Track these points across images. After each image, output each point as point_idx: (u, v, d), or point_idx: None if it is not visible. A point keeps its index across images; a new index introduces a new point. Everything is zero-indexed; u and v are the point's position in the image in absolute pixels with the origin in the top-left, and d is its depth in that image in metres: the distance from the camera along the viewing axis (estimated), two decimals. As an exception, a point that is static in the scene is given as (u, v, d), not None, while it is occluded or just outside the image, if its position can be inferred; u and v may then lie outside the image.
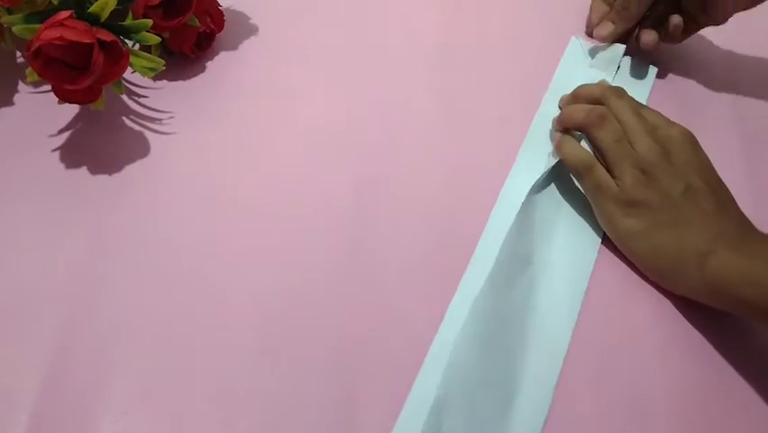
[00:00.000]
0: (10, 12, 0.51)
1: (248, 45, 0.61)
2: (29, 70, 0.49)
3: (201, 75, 0.59)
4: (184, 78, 0.59)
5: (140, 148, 0.54)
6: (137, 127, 0.55)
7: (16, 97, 0.57)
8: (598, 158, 0.50)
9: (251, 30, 0.62)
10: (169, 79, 0.58)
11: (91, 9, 0.49)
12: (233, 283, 0.47)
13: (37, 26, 0.48)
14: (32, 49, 0.47)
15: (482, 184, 0.52)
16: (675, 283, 0.46)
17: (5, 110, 0.56)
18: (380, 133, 0.55)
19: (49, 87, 0.51)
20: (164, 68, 0.52)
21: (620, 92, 0.52)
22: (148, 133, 0.55)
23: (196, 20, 0.56)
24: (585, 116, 0.51)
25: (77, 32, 0.47)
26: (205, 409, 0.42)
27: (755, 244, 0.44)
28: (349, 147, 0.54)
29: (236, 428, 0.42)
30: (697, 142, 0.49)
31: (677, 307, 0.47)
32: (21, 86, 0.58)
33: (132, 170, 0.53)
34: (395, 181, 0.52)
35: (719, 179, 0.48)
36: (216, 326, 0.45)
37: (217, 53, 0.61)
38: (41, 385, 0.42)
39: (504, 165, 0.53)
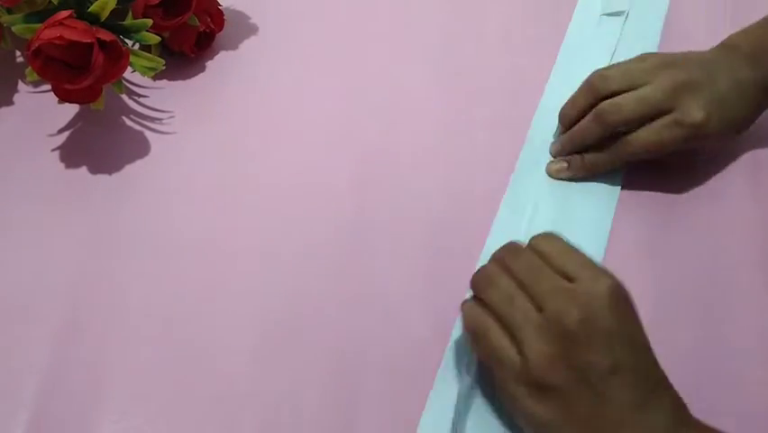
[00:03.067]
0: (10, 11, 0.51)
1: (248, 45, 0.61)
2: (29, 70, 0.49)
3: (201, 74, 0.59)
4: (184, 78, 0.59)
5: (140, 147, 0.54)
6: (137, 127, 0.55)
7: (16, 97, 0.57)
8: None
9: (251, 29, 0.62)
10: (169, 79, 0.58)
11: (91, 9, 0.49)
12: (234, 283, 0.47)
13: (37, 26, 0.48)
14: (32, 48, 0.47)
15: (483, 182, 0.52)
16: None
17: (5, 110, 0.56)
18: (380, 133, 0.55)
19: (49, 86, 0.51)
20: (164, 67, 0.52)
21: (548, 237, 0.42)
22: (148, 133, 0.55)
23: (196, 19, 0.56)
24: (473, 278, 0.42)
25: (76, 32, 0.47)
26: (204, 409, 0.42)
27: None
28: (349, 146, 0.54)
29: (236, 429, 0.42)
30: (628, 299, 0.38)
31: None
32: (21, 85, 0.58)
33: (132, 169, 0.53)
34: (395, 181, 0.52)
35: (650, 354, 0.37)
36: (217, 325, 0.45)
37: (217, 53, 0.60)
38: (41, 385, 0.42)
39: (505, 163, 0.53)
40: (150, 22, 0.51)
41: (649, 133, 0.48)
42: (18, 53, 0.60)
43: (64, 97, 0.50)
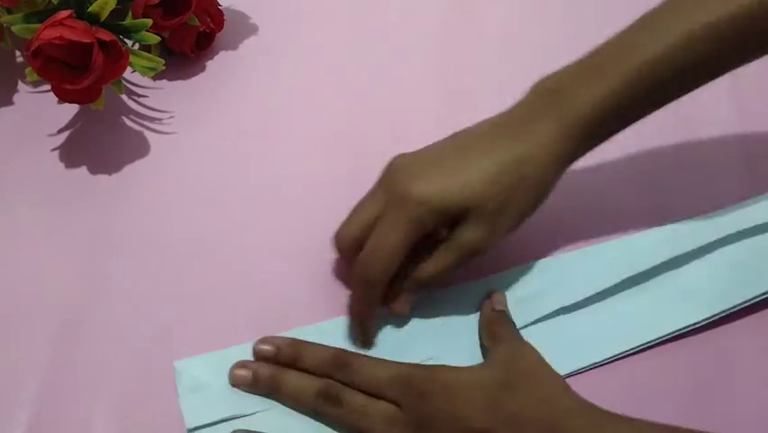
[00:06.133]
0: (10, 11, 0.51)
1: (248, 44, 0.61)
2: (28, 70, 0.49)
3: (201, 74, 0.59)
4: (184, 78, 0.59)
5: (140, 147, 0.54)
6: (137, 127, 0.55)
7: (16, 97, 0.57)
8: None
9: (251, 29, 0.62)
10: (169, 79, 0.58)
11: (91, 9, 0.49)
12: (234, 282, 0.47)
13: (37, 26, 0.48)
14: (32, 48, 0.47)
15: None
16: None
17: (5, 110, 0.56)
18: (380, 132, 0.55)
19: (48, 86, 0.50)
20: (164, 67, 0.52)
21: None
22: (148, 133, 0.55)
23: (196, 19, 0.56)
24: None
25: (76, 32, 0.47)
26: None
27: None
28: (348, 146, 0.54)
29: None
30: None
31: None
32: (20, 85, 0.58)
33: (132, 169, 0.53)
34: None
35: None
36: (217, 325, 0.45)
37: (217, 53, 0.60)
38: (41, 385, 0.42)
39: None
40: (149, 22, 0.51)
41: (373, 236, 0.41)
42: (18, 53, 0.60)
43: (64, 97, 0.50)
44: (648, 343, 0.43)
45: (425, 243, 0.42)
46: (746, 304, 0.44)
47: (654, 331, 0.43)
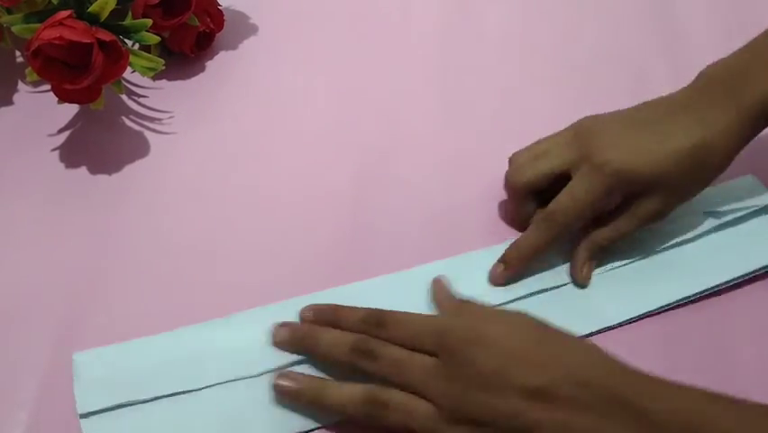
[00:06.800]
0: (10, 11, 0.51)
1: (248, 45, 0.61)
2: (28, 70, 0.49)
3: (201, 74, 0.59)
4: (184, 78, 0.59)
5: (140, 147, 0.54)
6: (137, 127, 0.55)
7: (16, 97, 0.57)
8: None
9: (251, 29, 0.62)
10: (169, 79, 0.58)
11: (91, 9, 0.49)
12: (234, 282, 0.47)
13: (36, 26, 0.48)
14: (32, 48, 0.47)
15: (480, 181, 0.52)
16: None
17: (5, 109, 0.56)
18: (380, 132, 0.55)
19: (48, 86, 0.51)
20: (164, 67, 0.52)
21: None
22: (148, 133, 0.55)
23: (196, 19, 0.56)
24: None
25: (76, 32, 0.47)
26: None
27: None
28: (348, 146, 0.54)
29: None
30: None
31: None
32: (20, 85, 0.58)
33: (132, 169, 0.53)
34: (394, 180, 0.52)
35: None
36: (216, 325, 0.45)
37: (217, 53, 0.61)
38: (40, 385, 0.42)
39: (502, 163, 0.53)
40: (149, 22, 0.51)
41: (565, 192, 0.45)
42: (18, 53, 0.60)
43: (64, 97, 0.50)
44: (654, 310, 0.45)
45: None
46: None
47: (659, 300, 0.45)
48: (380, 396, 0.38)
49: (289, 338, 0.42)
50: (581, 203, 0.44)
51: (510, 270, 0.46)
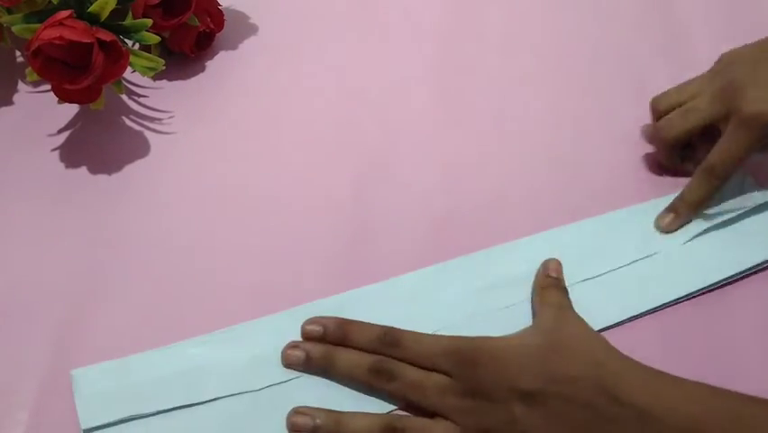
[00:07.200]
0: (10, 11, 0.51)
1: (248, 44, 0.61)
2: (29, 70, 0.49)
3: (201, 74, 0.59)
4: (184, 78, 0.59)
5: (140, 147, 0.54)
6: (137, 127, 0.55)
7: (16, 97, 0.57)
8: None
9: (251, 29, 0.62)
10: (169, 79, 0.58)
11: (91, 9, 0.49)
12: (234, 282, 0.47)
13: (37, 26, 0.48)
14: (32, 48, 0.47)
15: (480, 182, 0.52)
16: None
17: (5, 109, 0.56)
18: (380, 132, 0.55)
19: (48, 86, 0.51)
20: (164, 67, 0.52)
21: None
22: (148, 133, 0.55)
23: (196, 19, 0.56)
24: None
25: (76, 32, 0.47)
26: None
27: None
28: (348, 146, 0.54)
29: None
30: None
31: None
32: (20, 85, 0.58)
33: (132, 169, 0.53)
34: (394, 180, 0.52)
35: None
36: (217, 325, 0.45)
37: (217, 53, 0.61)
38: (40, 384, 0.42)
39: (506, 163, 0.53)
40: (149, 22, 0.51)
41: (722, 147, 0.47)
42: (18, 53, 0.60)
43: (64, 97, 0.50)
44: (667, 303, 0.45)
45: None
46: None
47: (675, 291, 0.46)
48: (397, 424, 0.40)
49: (304, 361, 0.42)
50: (737, 157, 0.47)
51: (681, 217, 0.48)
